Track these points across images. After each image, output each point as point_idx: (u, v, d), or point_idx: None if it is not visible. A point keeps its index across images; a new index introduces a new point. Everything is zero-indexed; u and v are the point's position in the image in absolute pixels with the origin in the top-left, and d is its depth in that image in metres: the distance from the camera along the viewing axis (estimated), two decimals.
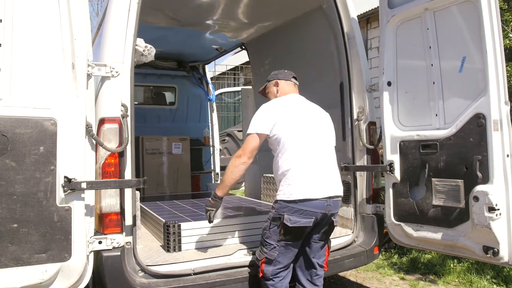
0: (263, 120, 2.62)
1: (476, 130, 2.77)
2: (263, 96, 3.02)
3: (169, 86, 6.44)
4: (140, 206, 3.91)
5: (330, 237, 3.36)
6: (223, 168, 6.31)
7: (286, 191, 2.51)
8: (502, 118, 2.69)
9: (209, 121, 6.47)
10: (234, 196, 4.80)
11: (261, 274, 2.59)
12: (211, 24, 4.63)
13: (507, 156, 2.68)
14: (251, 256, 2.87)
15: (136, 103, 6.33)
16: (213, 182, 6.28)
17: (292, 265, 2.67)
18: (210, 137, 6.25)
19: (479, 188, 2.71)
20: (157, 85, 6.41)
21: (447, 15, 2.95)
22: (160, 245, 3.11)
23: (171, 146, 5.11)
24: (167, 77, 6.28)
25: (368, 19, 10.61)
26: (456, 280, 4.14)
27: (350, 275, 4.32)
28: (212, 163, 6.36)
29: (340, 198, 2.72)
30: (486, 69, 2.70)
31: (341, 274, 4.26)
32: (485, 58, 2.71)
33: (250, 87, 5.92)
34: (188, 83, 6.42)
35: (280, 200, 2.53)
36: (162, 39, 5.16)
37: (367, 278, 4.26)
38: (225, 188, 2.70)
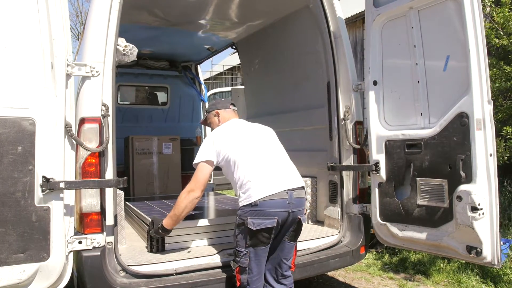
0: (208, 149, 2.69)
1: (459, 129, 2.77)
2: (205, 125, 3.09)
3: (161, 86, 6.43)
4: (128, 205, 3.92)
5: (313, 237, 3.38)
6: (215, 168, 6.31)
7: (246, 196, 2.53)
8: (485, 117, 2.68)
9: None
10: (224, 196, 4.79)
11: (238, 284, 2.58)
12: (201, 23, 4.63)
13: (490, 155, 2.68)
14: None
15: (128, 103, 6.35)
16: None
17: (264, 275, 2.65)
18: (202, 137, 6.24)
19: (463, 187, 2.71)
20: (149, 85, 6.40)
21: (431, 13, 2.95)
22: (145, 246, 3.09)
23: (161, 146, 5.09)
24: (159, 77, 6.28)
25: (364, 19, 10.60)
26: (445, 280, 4.13)
27: (339, 275, 4.31)
28: None
29: (303, 195, 2.67)
30: (469, 68, 2.70)
31: (330, 274, 4.26)
32: (468, 57, 2.70)
33: (242, 87, 5.91)
34: (180, 83, 6.41)
35: (242, 206, 2.56)
36: (153, 39, 5.17)
37: (355, 278, 4.24)
38: (176, 222, 2.74)
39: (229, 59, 18.61)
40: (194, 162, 2.71)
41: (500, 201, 5.36)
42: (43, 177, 2.24)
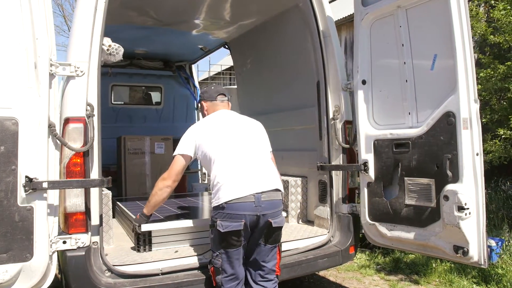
0: (187, 143, 2.72)
1: (446, 129, 2.76)
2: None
3: (155, 86, 6.42)
4: (118, 205, 3.91)
5: (302, 237, 3.37)
6: None
7: (216, 198, 2.53)
8: (472, 116, 2.67)
9: (196, 121, 6.45)
10: None
11: (214, 283, 2.58)
12: (194, 23, 4.62)
13: (477, 154, 2.67)
14: None
15: (122, 103, 6.34)
16: (200, 182, 6.26)
17: (244, 279, 2.64)
18: None
19: (449, 187, 2.70)
20: (143, 85, 6.39)
21: (419, 12, 2.94)
22: (132, 246, 3.09)
23: (153, 146, 5.08)
24: (153, 77, 6.27)
25: None
26: (437, 280, 4.12)
27: (330, 275, 4.30)
28: (198, 162, 6.33)
29: (275, 197, 2.59)
30: (455, 67, 2.69)
31: (321, 274, 4.25)
32: (454, 55, 2.69)
33: (235, 86, 5.90)
34: (174, 83, 6.40)
35: (213, 207, 2.56)
36: (146, 38, 5.16)
37: (347, 278, 4.23)
38: (151, 208, 2.85)
39: (227, 59, 18.58)
40: (173, 154, 2.76)
41: (494, 200, 5.38)
42: (26, 177, 2.23)
